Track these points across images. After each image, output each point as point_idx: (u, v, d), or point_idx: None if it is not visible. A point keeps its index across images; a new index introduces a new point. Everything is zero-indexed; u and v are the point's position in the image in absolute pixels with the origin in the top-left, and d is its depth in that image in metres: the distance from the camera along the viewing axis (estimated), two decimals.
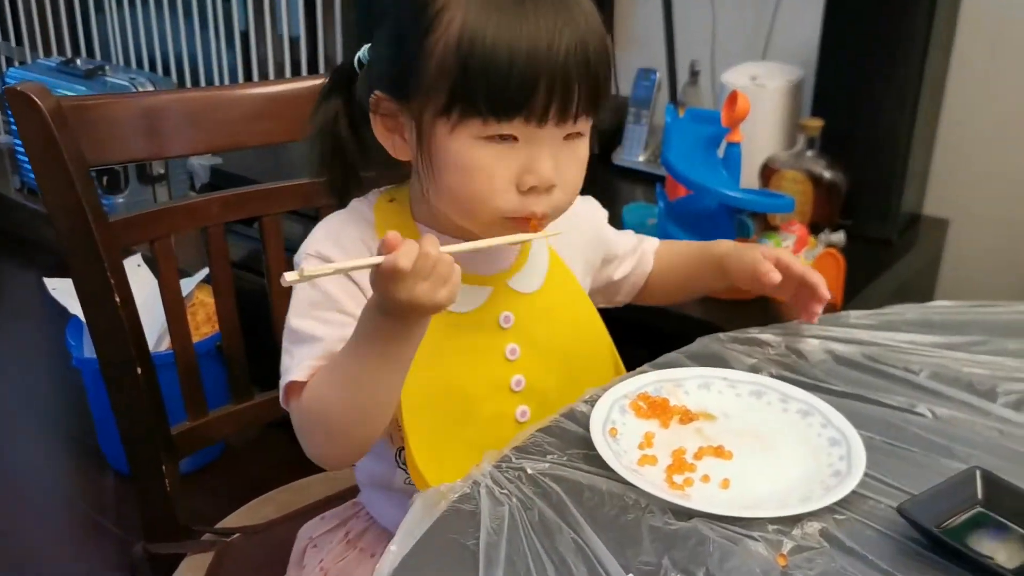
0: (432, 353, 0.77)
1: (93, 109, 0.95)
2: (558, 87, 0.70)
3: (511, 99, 0.70)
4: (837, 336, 0.86)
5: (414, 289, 0.65)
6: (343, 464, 0.79)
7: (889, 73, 1.52)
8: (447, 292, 0.66)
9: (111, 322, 0.96)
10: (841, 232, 1.49)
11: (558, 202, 0.76)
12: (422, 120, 0.74)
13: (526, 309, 0.83)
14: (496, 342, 0.82)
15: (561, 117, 0.72)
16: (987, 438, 0.73)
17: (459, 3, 0.71)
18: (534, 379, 0.83)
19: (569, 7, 0.71)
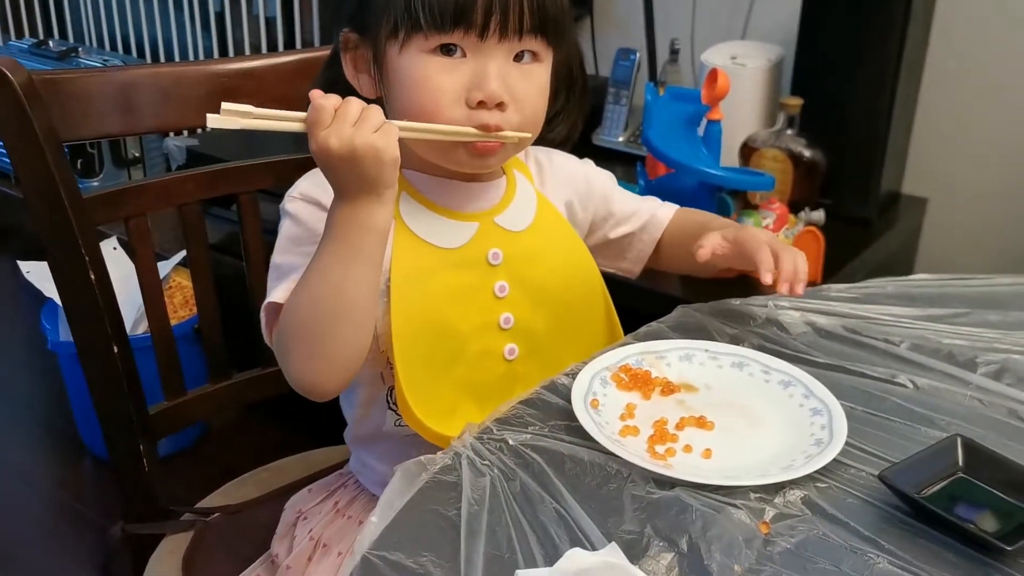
0: (421, 289, 0.79)
1: (66, 84, 0.94)
2: (496, 4, 0.74)
3: (451, 9, 0.74)
4: (818, 308, 0.86)
5: (343, 131, 0.67)
6: (326, 387, 0.75)
7: (868, 53, 1.53)
8: (382, 136, 0.68)
9: (87, 302, 0.95)
10: (821, 211, 1.49)
11: (515, 122, 0.78)
12: (377, 46, 0.78)
13: (515, 247, 0.84)
14: (485, 279, 0.82)
15: (503, 31, 0.75)
16: (967, 407, 0.73)
17: None
18: (523, 317, 0.83)
19: None
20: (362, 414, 0.88)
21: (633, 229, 0.96)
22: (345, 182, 0.70)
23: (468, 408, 0.81)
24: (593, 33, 2.03)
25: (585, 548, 0.56)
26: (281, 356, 0.75)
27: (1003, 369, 0.77)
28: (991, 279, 0.92)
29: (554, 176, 0.91)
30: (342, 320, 0.72)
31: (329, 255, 0.71)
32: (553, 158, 0.93)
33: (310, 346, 0.72)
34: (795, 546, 0.58)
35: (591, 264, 0.88)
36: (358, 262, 0.71)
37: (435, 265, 0.80)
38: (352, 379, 0.76)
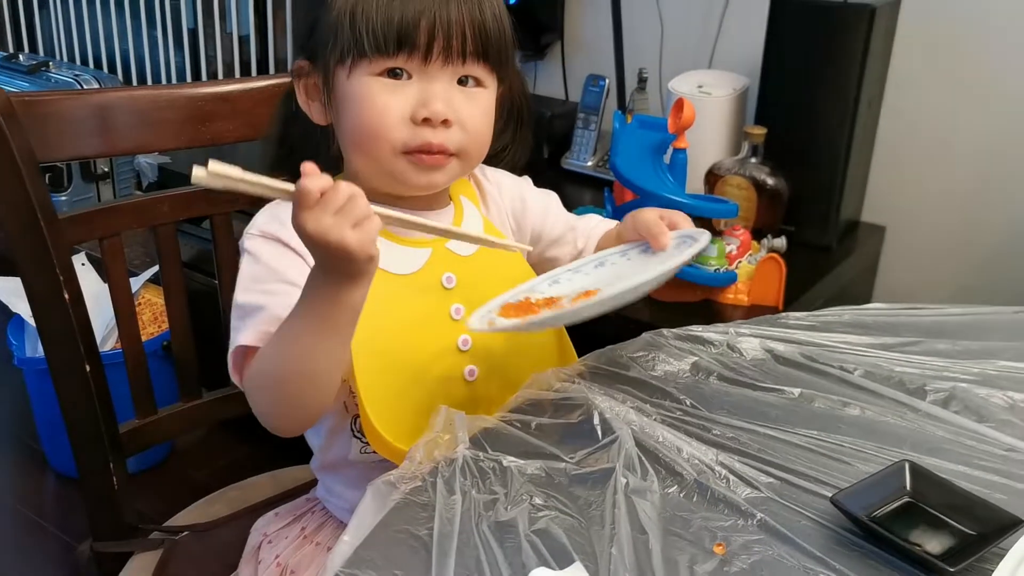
0: (379, 316, 0.80)
1: (43, 105, 0.95)
2: (439, 24, 0.78)
3: (394, 34, 0.77)
4: (776, 336, 0.89)
5: (321, 220, 0.65)
6: (295, 431, 0.80)
7: (829, 84, 1.57)
8: (359, 235, 0.66)
9: (60, 321, 0.96)
10: (782, 237, 1.53)
11: (458, 141, 0.81)
12: (327, 73, 0.81)
13: (467, 270, 0.86)
14: (441, 303, 0.85)
15: (446, 55, 0.79)
16: (916, 433, 0.76)
17: None
18: (479, 338, 0.85)
19: None
20: (328, 443, 0.89)
21: (565, 250, 0.97)
22: (322, 263, 0.70)
23: None
24: (564, 59, 2.07)
25: (551, 568, 0.58)
26: (251, 399, 0.78)
27: (951, 397, 0.81)
28: (942, 309, 0.96)
29: (495, 196, 0.94)
30: (307, 386, 0.74)
31: (302, 322, 0.72)
32: (490, 176, 0.95)
33: (275, 402, 0.76)
34: (750, 567, 0.61)
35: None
36: (328, 336, 0.71)
37: (391, 292, 0.82)
38: (314, 423, 0.80)
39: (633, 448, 0.69)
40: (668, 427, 0.73)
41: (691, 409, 0.77)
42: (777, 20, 1.59)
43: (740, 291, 1.44)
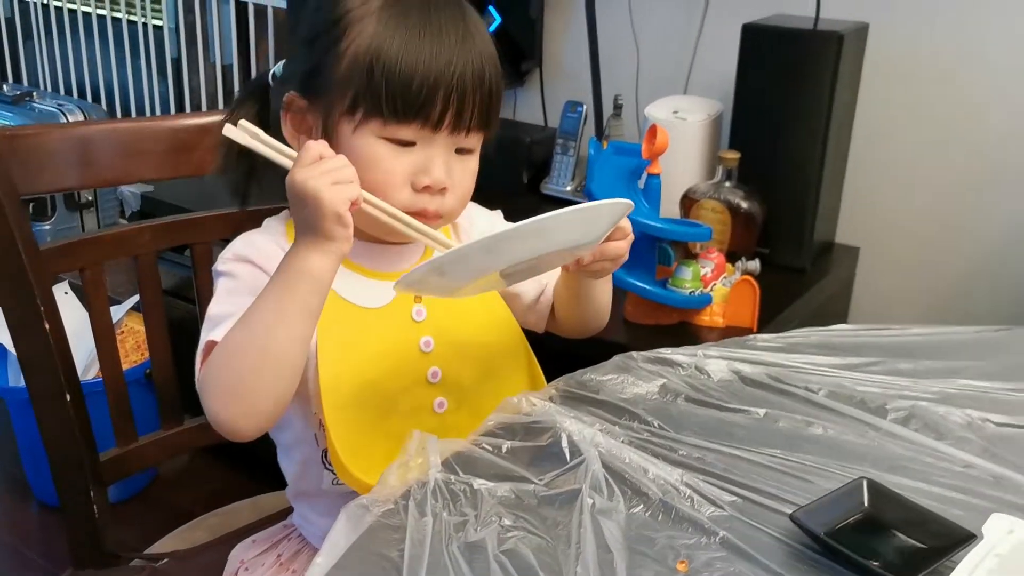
0: (349, 349, 0.82)
1: (25, 139, 0.97)
2: (455, 97, 0.79)
3: (412, 103, 0.78)
4: (744, 357, 0.91)
5: (308, 173, 0.71)
6: (243, 429, 0.75)
7: (800, 109, 1.61)
8: (335, 190, 0.71)
9: (41, 351, 0.97)
10: (756, 260, 1.56)
11: (450, 206, 0.83)
12: (329, 117, 0.81)
13: (437, 303, 0.87)
14: (410, 335, 0.86)
15: (456, 126, 0.80)
16: (876, 451, 0.78)
17: (369, 19, 0.79)
18: (449, 370, 0.86)
19: (471, 34, 0.80)
20: (300, 472, 0.90)
21: (529, 284, 0.96)
22: (300, 223, 0.73)
23: None
24: (543, 86, 2.10)
25: None
26: (203, 392, 0.75)
27: (911, 415, 0.83)
28: (905, 329, 0.99)
29: (467, 229, 0.95)
30: (266, 364, 0.73)
31: (267, 297, 0.74)
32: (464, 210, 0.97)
33: (231, 385, 0.74)
34: None
35: (507, 312, 0.92)
36: (288, 308, 0.73)
37: (361, 325, 0.84)
38: (270, 426, 0.77)
39: (600, 469, 0.71)
40: (635, 448, 0.75)
41: (658, 430, 0.79)
42: (748, 47, 1.63)
43: (715, 313, 1.47)
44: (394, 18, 0.78)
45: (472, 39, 0.80)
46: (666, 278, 1.46)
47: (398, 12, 0.79)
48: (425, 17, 0.79)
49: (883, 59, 1.70)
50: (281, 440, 0.91)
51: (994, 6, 1.63)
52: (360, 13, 0.79)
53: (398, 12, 0.79)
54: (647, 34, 1.96)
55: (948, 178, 1.74)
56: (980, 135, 1.69)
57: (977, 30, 1.65)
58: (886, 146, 1.78)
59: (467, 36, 0.80)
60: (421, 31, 0.78)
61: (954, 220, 1.75)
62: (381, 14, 0.79)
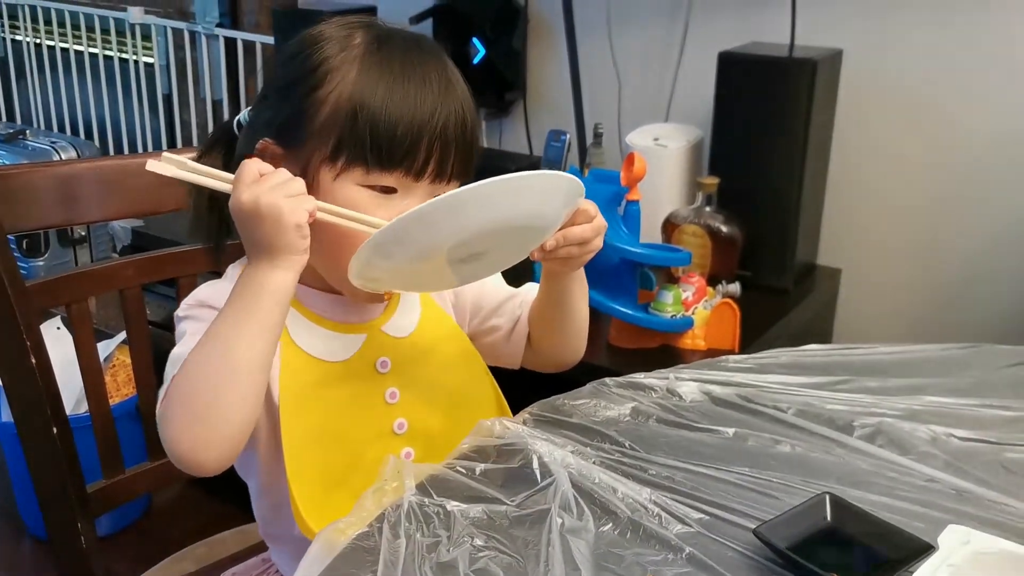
0: (312, 402, 0.82)
1: (11, 178, 0.99)
2: (438, 145, 0.78)
3: (396, 151, 0.77)
4: (715, 379, 0.93)
5: (256, 190, 0.71)
6: (203, 459, 0.72)
7: (778, 134, 1.64)
8: (291, 202, 0.71)
9: (27, 386, 0.99)
10: (736, 283, 1.58)
11: None
12: (308, 165, 0.79)
13: (402, 352, 0.87)
14: (375, 387, 0.85)
15: (438, 174, 0.79)
16: (842, 467, 0.80)
17: (350, 66, 0.79)
18: (416, 421, 0.86)
19: (452, 83, 0.81)
20: (272, 517, 0.89)
21: (503, 320, 0.95)
22: (252, 242, 0.73)
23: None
24: (527, 116, 2.14)
25: None
26: (162, 423, 0.73)
27: (877, 431, 0.85)
28: (873, 348, 1.01)
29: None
30: (227, 384, 0.71)
31: (224, 317, 0.73)
32: None
33: (191, 410, 0.71)
34: None
35: (477, 357, 0.91)
36: (249, 324, 0.72)
37: (323, 379, 0.83)
38: (230, 457, 0.74)
39: (569, 489, 0.73)
40: (605, 468, 0.77)
41: (629, 451, 0.81)
42: (725, 75, 1.67)
43: (697, 336, 1.49)
44: (376, 66, 0.78)
45: (454, 87, 0.81)
46: (648, 302, 1.48)
47: (380, 60, 0.79)
48: (408, 65, 0.79)
49: (858, 83, 1.74)
50: (251, 486, 0.91)
51: (964, 29, 1.67)
52: (340, 60, 0.79)
53: (380, 60, 0.79)
54: (627, 64, 2.00)
55: (926, 198, 1.77)
56: (956, 156, 1.73)
57: (948, 52, 1.69)
58: (865, 168, 1.81)
59: (449, 85, 0.80)
60: (405, 79, 0.78)
61: (933, 239, 1.78)
62: (363, 62, 0.78)
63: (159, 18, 2.68)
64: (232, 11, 2.55)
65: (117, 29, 2.74)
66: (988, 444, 0.84)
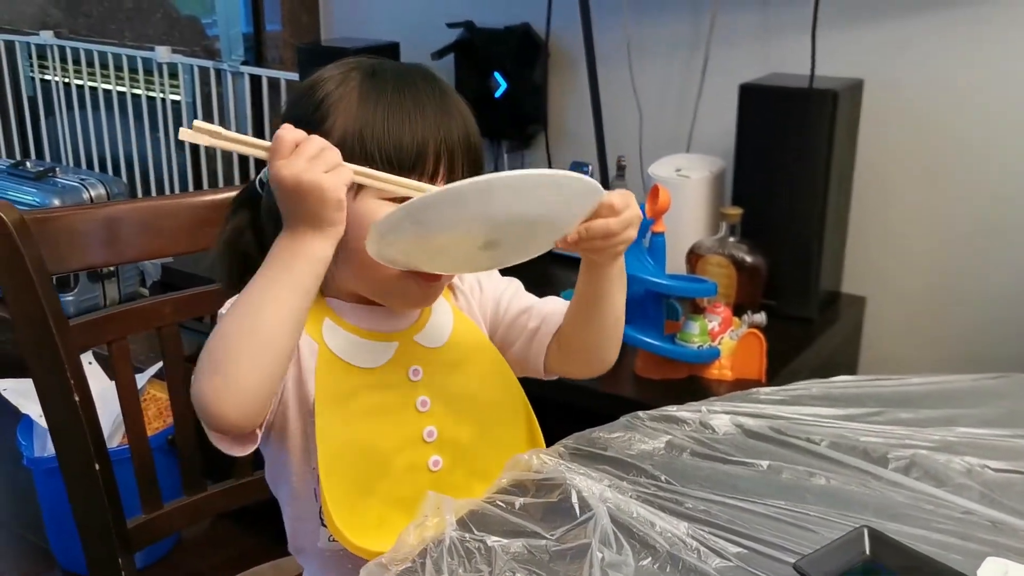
0: (344, 410, 0.84)
1: (54, 221, 1.02)
2: (445, 150, 0.83)
3: (407, 158, 0.81)
4: (747, 411, 0.94)
5: (296, 164, 0.73)
6: (226, 411, 0.74)
7: (800, 164, 1.65)
8: (332, 177, 0.74)
9: (71, 422, 1.01)
10: (762, 313, 1.59)
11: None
12: None
13: (434, 362, 0.89)
14: (407, 395, 0.87)
15: (449, 178, 0.83)
16: (878, 500, 0.80)
17: (348, 98, 0.83)
18: (445, 429, 0.88)
19: (446, 95, 0.85)
20: (298, 527, 0.91)
21: (516, 333, 0.96)
22: (290, 212, 0.75)
23: (396, 521, 0.84)
24: (548, 148, 2.16)
25: None
26: (194, 388, 0.75)
27: (912, 463, 0.85)
28: (905, 379, 1.01)
29: (477, 295, 0.97)
30: (255, 340, 0.74)
31: (260, 278, 0.76)
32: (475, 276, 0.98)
33: (219, 361, 0.74)
34: None
35: (509, 372, 0.93)
36: (286, 285, 0.75)
37: (357, 385, 0.85)
38: (255, 415, 0.76)
39: (609, 524, 0.73)
40: (643, 502, 0.78)
41: (665, 484, 0.82)
42: (746, 106, 1.68)
43: (724, 366, 1.49)
44: (372, 93, 0.83)
45: (449, 98, 0.85)
46: (674, 333, 1.49)
47: (374, 88, 0.84)
48: (401, 86, 0.84)
49: (879, 112, 1.75)
50: (281, 494, 0.93)
51: (986, 59, 1.68)
52: (339, 95, 0.84)
53: (374, 88, 0.84)
54: (648, 95, 2.02)
55: (951, 226, 1.77)
56: (981, 184, 1.73)
57: (970, 82, 1.70)
58: (888, 196, 1.82)
59: (444, 96, 0.85)
60: (401, 97, 0.83)
61: (959, 267, 1.78)
62: (360, 90, 0.83)
63: (186, 57, 2.73)
64: (257, 49, 2.60)
65: (145, 68, 2.80)
66: (1023, 475, 0.84)
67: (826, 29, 1.73)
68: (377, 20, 2.41)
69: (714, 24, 1.91)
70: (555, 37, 2.10)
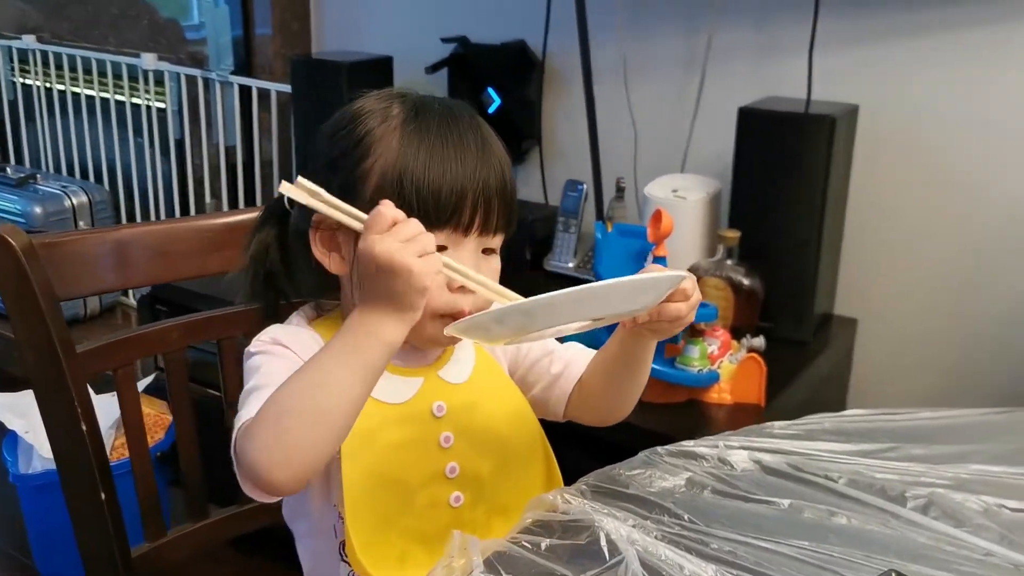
0: (370, 445, 0.84)
1: (62, 245, 1.01)
2: (481, 202, 0.83)
3: (443, 210, 0.81)
4: (763, 446, 0.94)
5: (390, 243, 0.72)
6: (284, 479, 0.73)
7: (797, 188, 1.66)
8: (423, 262, 0.72)
9: (76, 451, 0.99)
10: (761, 337, 1.60)
11: (482, 304, 0.85)
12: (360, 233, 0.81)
13: (457, 398, 0.89)
14: (431, 431, 0.88)
15: (484, 228, 0.84)
16: (899, 541, 0.81)
17: (391, 136, 0.83)
18: (468, 466, 0.88)
19: (489, 143, 0.85)
20: (316, 563, 0.91)
21: (536, 376, 0.97)
22: (371, 290, 0.74)
23: (417, 556, 0.85)
24: (542, 164, 2.16)
25: None
26: (245, 441, 0.74)
27: (929, 503, 0.86)
28: (914, 413, 1.02)
29: None
30: (318, 418, 0.73)
31: (329, 353, 0.75)
32: None
33: (277, 433, 0.73)
34: None
35: (526, 406, 0.94)
36: (353, 364, 0.74)
37: (383, 420, 0.85)
38: (298, 487, 0.75)
39: (639, 569, 0.73)
40: (669, 544, 0.78)
41: (689, 524, 0.82)
42: (744, 130, 1.69)
43: (723, 390, 1.50)
44: (416, 132, 0.83)
45: (491, 147, 0.85)
46: (674, 356, 1.50)
47: (419, 127, 0.83)
48: (445, 130, 0.83)
49: (874, 138, 1.77)
50: (299, 529, 0.93)
51: (971, 83, 1.70)
52: (381, 131, 0.83)
53: (419, 127, 0.83)
54: (644, 114, 2.03)
55: (944, 250, 1.80)
56: (974, 208, 1.75)
57: (965, 108, 1.72)
58: (881, 220, 1.83)
59: (486, 145, 0.85)
60: (443, 143, 0.82)
61: (951, 292, 1.80)
62: (403, 130, 0.83)
63: (172, 64, 2.70)
64: (247, 59, 2.58)
65: (130, 75, 2.76)
66: None
67: (822, 53, 1.74)
68: (371, 33, 2.40)
69: (711, 45, 1.92)
70: (551, 54, 2.10)
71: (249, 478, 0.75)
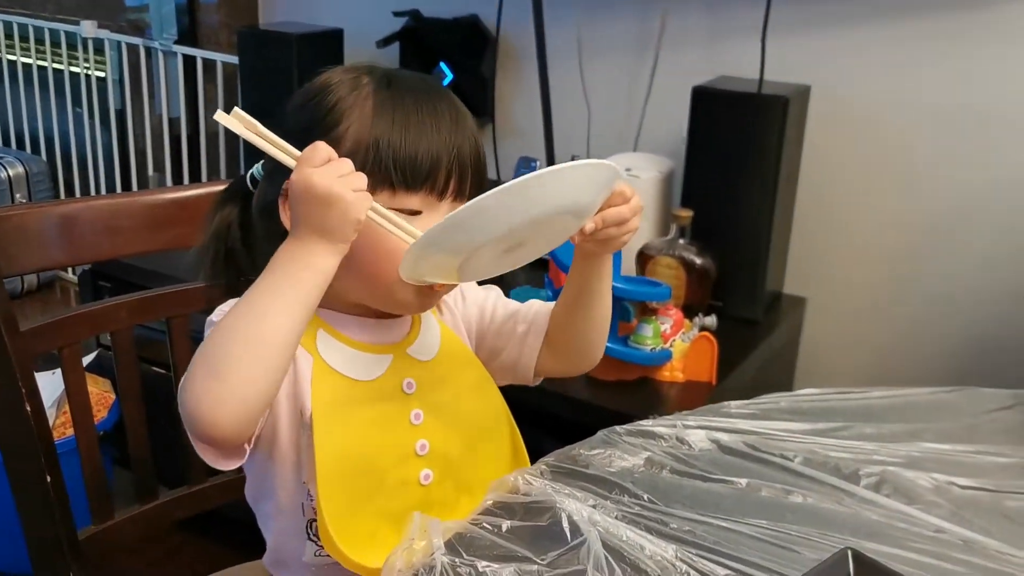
0: (342, 422, 0.83)
1: (5, 220, 0.97)
2: (456, 167, 0.83)
3: (419, 171, 0.81)
4: (720, 426, 0.95)
5: (327, 176, 0.73)
6: (218, 419, 0.72)
7: (750, 167, 1.68)
8: (358, 197, 0.74)
9: (22, 433, 0.97)
10: (713, 316, 1.61)
11: None
12: None
13: (426, 375, 0.89)
14: (401, 408, 0.87)
15: (458, 193, 0.83)
16: (853, 519, 0.82)
17: (363, 104, 0.82)
18: (437, 443, 0.88)
19: (462, 116, 0.85)
20: (281, 542, 0.90)
21: (504, 340, 0.96)
22: (305, 220, 0.74)
23: (386, 535, 0.84)
24: (495, 141, 2.15)
25: None
26: (184, 385, 0.73)
27: (882, 480, 0.88)
28: (866, 392, 1.04)
29: (461, 307, 0.97)
30: (257, 347, 0.73)
31: (263, 285, 0.75)
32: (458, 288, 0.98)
33: (216, 368, 0.72)
34: None
35: (493, 385, 0.94)
36: (288, 295, 0.74)
37: (353, 398, 0.85)
38: (242, 428, 0.74)
39: (601, 549, 0.73)
40: (630, 524, 0.78)
41: (648, 504, 0.82)
42: (698, 109, 1.70)
43: (675, 368, 1.51)
44: (390, 100, 0.82)
45: (464, 119, 0.85)
46: (627, 335, 1.50)
47: (392, 95, 0.83)
48: (419, 101, 0.83)
49: (826, 119, 1.79)
50: (264, 508, 0.91)
51: (921, 65, 1.73)
52: (353, 99, 0.83)
53: (392, 95, 0.83)
54: (597, 93, 2.02)
55: (891, 230, 1.83)
56: (921, 188, 1.79)
57: (915, 90, 1.75)
58: (831, 199, 1.86)
59: (460, 116, 0.85)
60: (419, 111, 0.82)
61: (897, 270, 1.84)
62: (375, 98, 0.82)
63: (112, 32, 2.62)
64: (191, 28, 2.51)
65: (68, 43, 2.67)
66: (987, 492, 0.87)
67: (775, 35, 1.75)
68: (321, 4, 2.35)
69: (664, 25, 1.92)
70: (505, 30, 2.08)
71: (197, 431, 0.73)
